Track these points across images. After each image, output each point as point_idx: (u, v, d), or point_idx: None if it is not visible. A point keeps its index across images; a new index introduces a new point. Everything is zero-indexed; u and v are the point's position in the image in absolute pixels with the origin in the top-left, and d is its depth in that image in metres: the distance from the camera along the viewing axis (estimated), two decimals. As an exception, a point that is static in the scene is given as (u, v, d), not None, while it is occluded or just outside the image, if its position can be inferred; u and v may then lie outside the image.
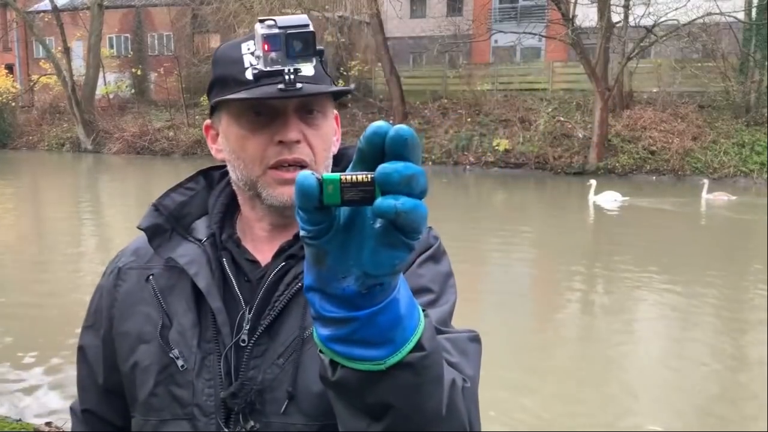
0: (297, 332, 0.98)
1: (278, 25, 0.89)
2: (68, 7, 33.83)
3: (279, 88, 0.93)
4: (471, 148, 22.36)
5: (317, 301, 0.70)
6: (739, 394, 5.76)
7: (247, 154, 1.01)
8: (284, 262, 1.03)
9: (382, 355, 0.70)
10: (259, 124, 1.00)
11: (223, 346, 0.99)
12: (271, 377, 0.97)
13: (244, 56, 1.00)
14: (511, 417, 5.20)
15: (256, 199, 1.04)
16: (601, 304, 8.65)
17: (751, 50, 20.97)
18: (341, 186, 0.60)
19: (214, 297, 1.00)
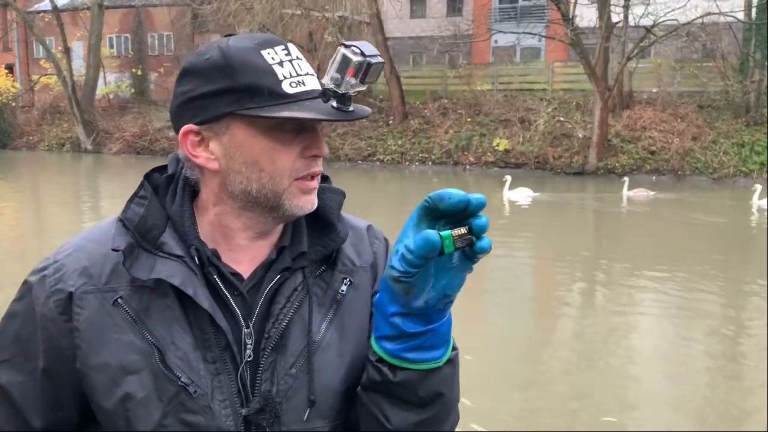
0: (305, 341, 1.01)
1: (363, 53, 0.91)
2: (68, 7, 33.84)
3: (337, 107, 0.94)
4: (471, 148, 22.36)
5: (401, 321, 0.91)
6: (739, 394, 5.77)
7: (275, 166, 0.98)
8: (279, 275, 1.02)
9: (440, 355, 0.94)
10: (290, 137, 0.98)
11: (232, 363, 0.98)
12: (285, 388, 0.99)
13: (274, 66, 0.97)
14: (511, 417, 5.20)
15: (256, 209, 1.01)
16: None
17: (751, 50, 20.98)
18: (453, 239, 0.86)
19: (219, 316, 0.98)
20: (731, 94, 20.73)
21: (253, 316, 1.00)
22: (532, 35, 23.12)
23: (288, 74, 0.97)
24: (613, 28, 20.36)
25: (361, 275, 1.09)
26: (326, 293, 1.05)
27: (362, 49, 0.92)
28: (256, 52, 0.97)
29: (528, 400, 5.57)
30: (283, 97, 0.95)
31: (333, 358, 1.02)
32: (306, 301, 1.02)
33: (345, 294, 1.06)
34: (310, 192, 1.02)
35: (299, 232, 1.07)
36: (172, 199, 1.04)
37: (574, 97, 22.79)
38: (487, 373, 5.84)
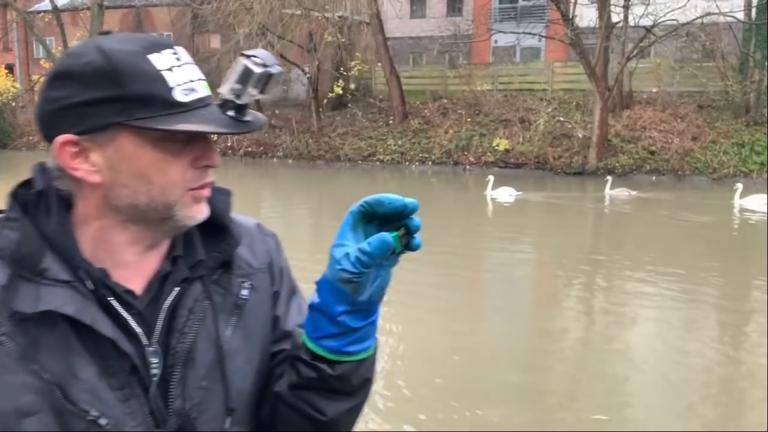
0: (213, 351, 0.98)
1: (265, 64, 0.90)
2: (68, 7, 33.84)
3: (230, 115, 0.91)
4: (471, 148, 22.35)
5: (348, 319, 0.94)
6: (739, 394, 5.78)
7: (166, 179, 0.92)
8: (178, 286, 0.98)
9: (372, 343, 0.99)
10: (180, 146, 0.93)
11: (140, 386, 0.93)
12: (198, 401, 0.96)
13: (163, 73, 0.90)
14: (510, 417, 5.21)
15: (141, 222, 0.95)
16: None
17: (751, 50, 20.97)
18: (399, 239, 0.92)
19: (123, 342, 0.92)
20: (731, 94, 20.73)
21: (155, 333, 0.95)
22: (532, 35, 23.11)
23: (179, 81, 0.90)
24: (613, 28, 20.36)
25: (260, 278, 1.07)
26: (226, 299, 1.01)
27: (263, 59, 0.90)
28: (143, 56, 0.90)
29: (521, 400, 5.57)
30: (176, 106, 0.89)
31: (242, 364, 1.01)
32: (209, 310, 0.99)
33: (246, 298, 1.03)
34: (202, 201, 0.97)
35: (192, 239, 1.02)
36: (46, 217, 0.93)
37: (574, 97, 22.79)
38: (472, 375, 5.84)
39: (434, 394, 5.60)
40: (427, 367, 6.22)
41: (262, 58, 0.90)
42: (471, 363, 6.39)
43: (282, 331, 1.08)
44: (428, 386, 5.77)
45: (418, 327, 7.22)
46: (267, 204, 17.01)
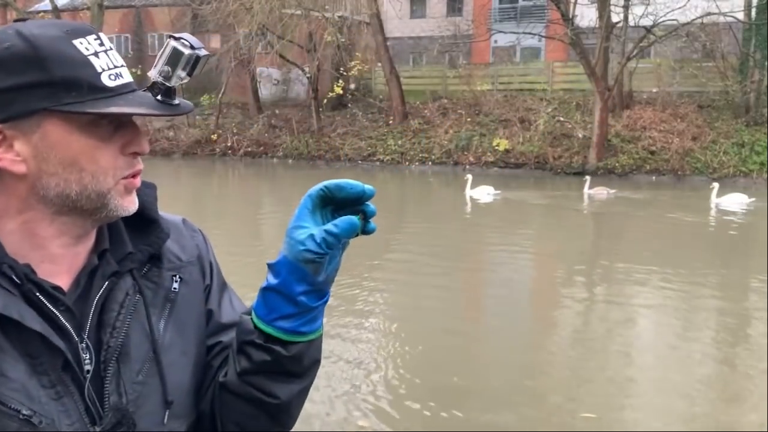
0: (147, 345, 0.97)
1: (193, 46, 0.90)
2: (68, 7, 33.87)
3: (158, 99, 0.90)
4: (471, 148, 22.36)
5: (306, 298, 0.95)
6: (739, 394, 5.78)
7: (98, 165, 0.90)
8: (107, 281, 0.95)
9: (321, 324, 1.00)
10: (108, 133, 0.91)
11: (73, 384, 0.90)
12: (134, 396, 0.94)
13: (90, 58, 0.88)
14: (510, 416, 5.21)
15: (71, 212, 0.92)
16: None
17: (751, 50, 20.98)
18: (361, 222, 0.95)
19: (54, 337, 0.88)
20: (731, 94, 20.74)
21: (86, 329, 0.93)
22: (532, 35, 23.12)
23: (105, 66, 0.89)
24: (613, 28, 20.37)
25: (190, 270, 1.06)
26: (157, 293, 1.00)
27: (192, 42, 0.90)
28: (67, 41, 0.88)
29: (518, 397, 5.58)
30: (103, 90, 0.88)
31: (177, 357, 1.00)
32: (141, 304, 0.97)
33: (177, 291, 1.02)
34: (133, 192, 0.96)
35: (118, 232, 1.00)
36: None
37: (574, 97, 22.80)
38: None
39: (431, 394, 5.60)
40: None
41: (190, 40, 0.90)
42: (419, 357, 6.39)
43: (217, 323, 1.07)
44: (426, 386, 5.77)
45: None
46: (267, 204, 17.01)
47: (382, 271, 9.64)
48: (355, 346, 6.63)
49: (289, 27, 24.76)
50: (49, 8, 30.82)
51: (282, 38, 24.69)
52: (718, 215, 14.55)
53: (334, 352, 6.25)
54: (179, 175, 22.02)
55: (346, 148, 23.80)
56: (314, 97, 24.95)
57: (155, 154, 26.23)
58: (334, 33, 24.15)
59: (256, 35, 24.56)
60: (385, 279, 9.34)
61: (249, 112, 27.28)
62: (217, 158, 24.93)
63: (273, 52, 25.24)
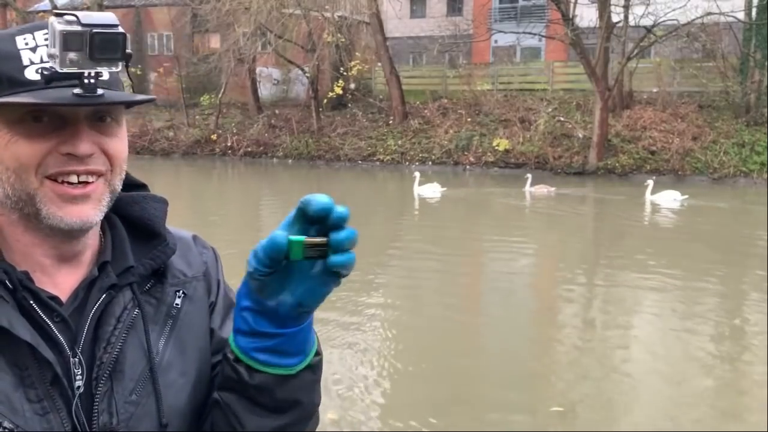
0: (144, 363, 0.91)
1: (81, 22, 0.78)
2: (68, 7, 33.85)
3: (75, 93, 0.80)
4: (471, 148, 22.35)
5: (252, 318, 0.87)
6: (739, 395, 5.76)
7: (19, 162, 0.84)
8: (105, 293, 0.91)
9: (294, 363, 0.89)
10: (40, 130, 0.85)
11: (61, 399, 0.86)
12: (126, 417, 0.89)
13: (22, 52, 0.85)
14: (509, 416, 5.19)
15: (32, 220, 0.88)
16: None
17: (751, 50, 20.97)
18: (304, 246, 0.80)
19: (44, 347, 0.85)
20: (731, 94, 20.74)
21: (79, 343, 0.88)
22: (532, 35, 23.10)
23: (39, 60, 0.84)
24: (613, 28, 20.36)
25: (195, 286, 1.00)
26: (158, 309, 0.95)
27: (80, 16, 0.78)
28: (9, 37, 0.86)
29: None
30: (23, 84, 0.83)
31: (176, 377, 0.94)
32: (139, 319, 0.92)
33: (180, 307, 0.97)
34: (73, 201, 0.87)
35: (121, 245, 0.96)
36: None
37: (574, 97, 22.79)
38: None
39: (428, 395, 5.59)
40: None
41: (79, 16, 0.78)
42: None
43: (219, 339, 1.00)
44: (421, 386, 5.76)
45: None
46: (267, 204, 17.00)
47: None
48: (351, 348, 6.63)
49: (288, 27, 24.75)
50: (48, 8, 30.78)
51: (281, 38, 24.68)
52: (652, 211, 15.05)
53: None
54: (179, 174, 22.02)
55: (346, 148, 23.78)
56: (314, 97, 24.93)
57: (155, 154, 26.23)
58: (333, 33, 24.14)
59: (256, 35, 24.54)
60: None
61: (249, 112, 27.27)
62: (216, 158, 24.91)
63: (271, 51, 25.23)
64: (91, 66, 0.79)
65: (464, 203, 16.49)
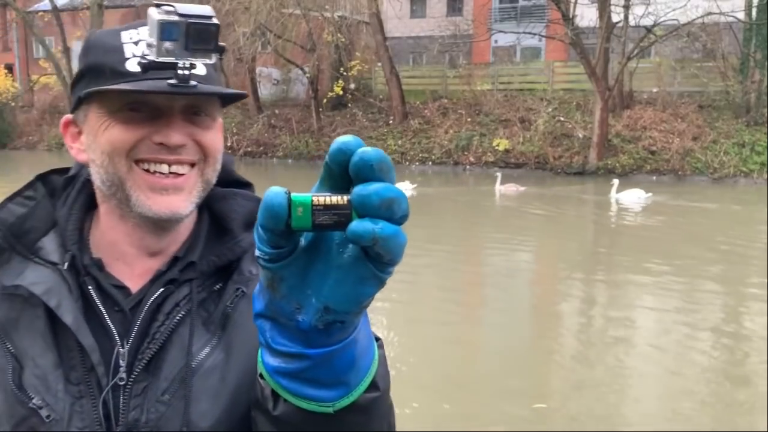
0: (181, 365, 0.87)
1: (178, 12, 0.77)
2: (68, 7, 33.82)
3: (169, 83, 0.81)
4: (471, 148, 22.35)
5: (267, 329, 0.66)
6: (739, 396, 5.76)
7: (113, 146, 0.86)
8: (162, 287, 0.90)
9: (333, 397, 0.67)
10: (137, 120, 0.87)
11: (97, 387, 0.85)
12: (156, 416, 0.86)
13: (125, 45, 0.87)
14: (509, 416, 5.19)
15: (124, 207, 0.89)
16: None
17: (751, 50, 20.97)
18: (313, 208, 0.55)
19: (84, 333, 0.85)
20: (731, 94, 20.73)
21: (131, 335, 0.88)
22: (532, 35, 23.10)
23: (140, 53, 0.86)
24: (614, 28, 20.35)
25: (256, 284, 0.82)
26: (216, 309, 0.90)
27: (177, 8, 0.78)
28: (116, 32, 0.89)
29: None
30: (123, 75, 0.86)
31: (215, 383, 0.87)
32: (188, 317, 0.89)
33: (234, 307, 0.90)
34: (162, 191, 0.87)
35: (197, 241, 0.94)
36: (65, 202, 0.94)
37: (574, 97, 22.78)
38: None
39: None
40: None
41: (177, 7, 0.78)
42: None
43: None
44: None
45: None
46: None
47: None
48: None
49: (288, 26, 24.74)
50: (48, 8, 30.77)
51: (281, 38, 24.68)
52: (618, 210, 15.29)
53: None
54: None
55: (346, 148, 23.79)
56: (314, 97, 24.93)
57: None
58: (333, 33, 24.13)
59: (256, 35, 24.53)
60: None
61: (249, 112, 27.26)
62: (216, 158, 24.90)
63: (271, 51, 25.23)
64: (186, 56, 0.79)
65: (431, 201, 16.47)
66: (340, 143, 0.56)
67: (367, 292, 0.60)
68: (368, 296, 0.61)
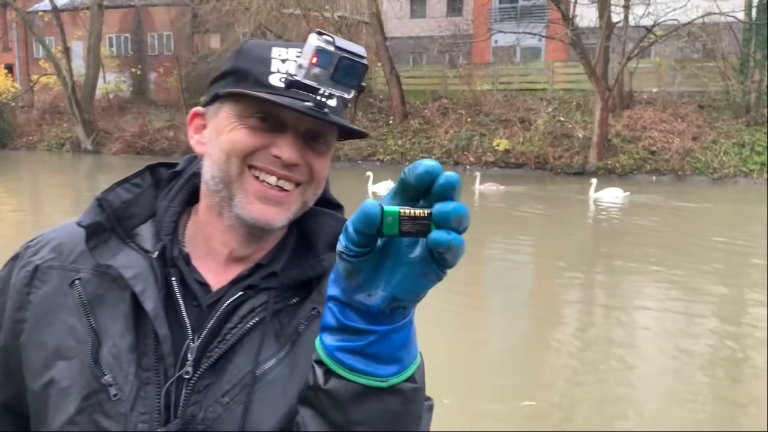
0: (248, 370, 0.89)
1: (335, 44, 0.83)
2: (68, 7, 33.85)
3: (307, 104, 0.86)
4: (471, 148, 22.36)
5: (339, 310, 0.75)
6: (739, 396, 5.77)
7: (232, 146, 0.91)
8: (242, 291, 0.93)
9: (387, 373, 0.76)
10: (262, 129, 0.91)
11: (164, 376, 0.88)
12: (213, 416, 0.88)
13: (273, 60, 0.92)
14: (510, 416, 5.19)
15: (225, 205, 0.94)
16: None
17: (751, 50, 20.98)
18: (400, 218, 0.67)
19: (161, 322, 0.89)
20: (731, 94, 20.75)
21: (203, 332, 0.91)
22: (532, 35, 23.11)
23: (285, 71, 0.91)
24: (614, 28, 20.36)
25: None
26: (290, 323, 0.93)
27: (336, 40, 0.83)
28: (267, 46, 0.95)
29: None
30: (265, 86, 0.91)
31: (276, 395, 0.89)
32: (261, 325, 0.91)
33: (307, 325, 0.92)
34: (265, 200, 0.92)
35: (282, 252, 0.98)
36: (167, 194, 1.00)
37: (574, 97, 22.80)
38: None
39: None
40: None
41: (334, 39, 0.83)
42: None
43: None
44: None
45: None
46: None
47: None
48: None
49: (288, 26, 24.76)
50: (48, 8, 30.79)
51: (281, 38, 24.69)
52: (596, 208, 15.43)
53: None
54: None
55: (345, 148, 23.77)
56: (314, 97, 24.96)
57: (155, 154, 26.24)
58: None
59: (256, 35, 24.54)
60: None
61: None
62: (216, 158, 24.90)
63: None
64: (329, 86, 0.84)
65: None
66: (428, 167, 0.67)
67: (427, 286, 0.72)
68: (427, 289, 0.73)
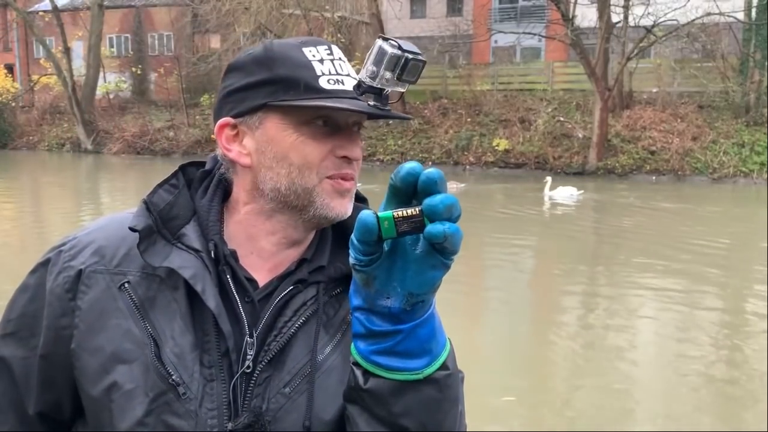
0: (306, 360, 0.94)
1: (401, 47, 0.86)
2: (68, 7, 33.87)
3: (371, 104, 0.89)
4: (471, 148, 22.37)
5: (365, 318, 0.82)
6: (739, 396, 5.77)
7: (305, 160, 0.94)
8: (293, 285, 0.97)
9: (420, 366, 0.83)
10: (322, 133, 0.94)
11: (228, 372, 0.92)
12: (276, 407, 0.92)
13: (313, 62, 0.95)
14: (510, 415, 5.20)
15: (287, 211, 0.97)
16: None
17: (751, 50, 20.99)
18: (395, 221, 0.73)
19: (224, 319, 0.92)
20: (731, 94, 20.75)
21: (258, 326, 0.94)
22: (532, 35, 23.12)
23: (327, 71, 0.95)
24: (613, 28, 20.38)
25: None
26: (337, 314, 0.98)
27: (400, 44, 0.87)
28: (297, 48, 0.96)
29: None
30: (318, 91, 0.93)
31: (333, 383, 0.94)
32: (314, 317, 0.96)
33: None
34: (344, 194, 0.97)
35: (324, 246, 1.02)
36: (203, 194, 1.02)
37: (574, 97, 22.80)
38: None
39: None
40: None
41: (399, 43, 0.87)
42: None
43: None
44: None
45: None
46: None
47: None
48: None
49: (288, 27, 24.76)
50: (49, 8, 30.79)
51: (281, 38, 24.62)
52: (551, 207, 15.64)
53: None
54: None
55: (346, 148, 23.85)
56: (314, 97, 24.95)
57: (156, 154, 26.24)
58: (333, 33, 24.14)
59: (256, 35, 24.55)
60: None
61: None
62: (217, 158, 24.89)
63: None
64: (394, 85, 0.88)
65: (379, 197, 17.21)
66: (409, 168, 0.75)
67: (438, 276, 0.79)
68: (439, 279, 0.79)
